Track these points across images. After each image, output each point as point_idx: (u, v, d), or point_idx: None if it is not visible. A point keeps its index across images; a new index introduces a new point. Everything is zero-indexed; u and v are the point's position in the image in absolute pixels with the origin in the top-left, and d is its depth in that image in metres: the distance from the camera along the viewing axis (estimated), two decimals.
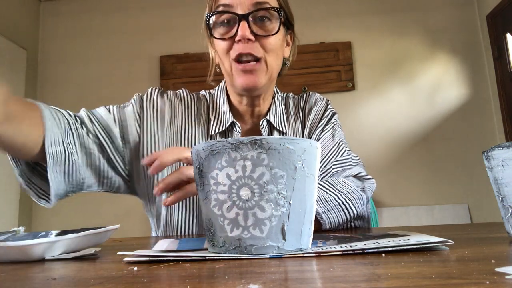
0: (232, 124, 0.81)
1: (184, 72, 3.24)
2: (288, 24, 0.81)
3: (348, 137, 0.94)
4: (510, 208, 0.45)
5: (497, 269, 0.28)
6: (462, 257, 0.34)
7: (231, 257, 0.38)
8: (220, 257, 0.38)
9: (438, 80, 3.14)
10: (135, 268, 0.35)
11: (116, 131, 0.76)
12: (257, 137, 0.39)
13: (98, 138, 0.73)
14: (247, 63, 0.73)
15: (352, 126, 3.07)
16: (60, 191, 0.67)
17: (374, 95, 3.17)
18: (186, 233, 0.78)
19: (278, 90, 0.89)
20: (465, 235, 0.53)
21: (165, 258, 0.38)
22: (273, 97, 0.86)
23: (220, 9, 0.74)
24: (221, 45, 0.75)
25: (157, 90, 0.84)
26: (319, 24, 3.21)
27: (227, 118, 0.81)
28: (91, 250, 0.47)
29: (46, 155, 0.61)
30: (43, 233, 0.54)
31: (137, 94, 0.83)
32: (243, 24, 0.71)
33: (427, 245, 0.39)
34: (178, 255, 0.39)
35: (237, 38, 0.72)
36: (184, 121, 0.82)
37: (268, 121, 0.83)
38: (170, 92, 0.86)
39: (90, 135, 0.72)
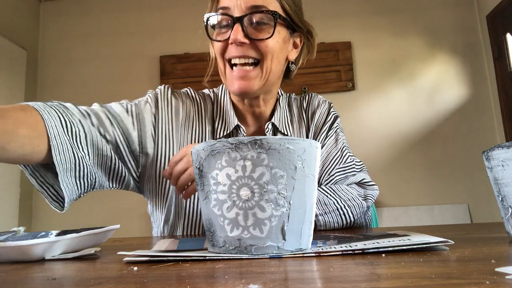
0: (237, 127, 0.81)
1: (184, 72, 3.24)
2: (294, 27, 0.79)
3: (348, 138, 0.94)
4: (510, 208, 0.45)
5: (497, 269, 0.28)
6: (462, 257, 0.34)
7: (231, 257, 0.38)
8: (220, 257, 0.38)
9: (438, 80, 3.14)
10: (135, 268, 0.35)
11: (134, 135, 0.75)
12: (257, 137, 0.39)
13: (116, 141, 0.72)
14: (242, 66, 0.74)
15: (352, 126, 3.07)
16: (73, 196, 0.66)
17: (374, 95, 3.17)
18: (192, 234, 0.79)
19: (282, 92, 0.89)
20: (465, 235, 0.53)
21: (165, 258, 0.38)
22: (278, 100, 0.86)
23: (220, 11, 0.74)
24: (216, 46, 0.76)
25: (169, 88, 0.83)
26: (319, 24, 3.19)
27: (232, 121, 0.81)
28: (91, 250, 0.47)
29: (56, 165, 0.60)
30: (43, 233, 0.54)
31: (150, 92, 0.82)
32: (237, 27, 0.71)
33: (427, 245, 0.39)
34: (178, 255, 0.39)
35: (230, 41, 0.72)
36: (195, 120, 0.82)
37: (273, 124, 0.84)
38: (180, 91, 0.85)
39: (107, 136, 0.71)
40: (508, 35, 2.84)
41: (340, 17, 3.26)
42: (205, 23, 0.76)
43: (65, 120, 0.63)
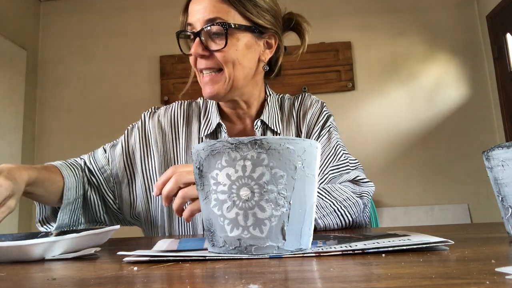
0: (219, 125, 0.84)
1: (184, 72, 3.24)
2: (260, 30, 0.79)
3: (348, 138, 0.94)
4: (510, 208, 0.45)
5: (497, 269, 0.28)
6: (462, 257, 0.34)
7: (231, 257, 0.38)
8: (220, 257, 0.38)
9: (438, 80, 3.14)
10: (135, 268, 0.35)
11: (108, 168, 0.86)
12: (257, 137, 0.39)
13: (95, 177, 0.84)
14: (208, 73, 0.79)
15: (352, 126, 3.07)
16: (62, 224, 0.79)
17: (374, 95, 3.17)
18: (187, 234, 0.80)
19: (271, 92, 0.91)
20: (465, 235, 0.53)
21: (165, 258, 0.38)
22: (266, 99, 0.89)
23: (188, 27, 0.79)
24: (190, 59, 0.81)
25: (149, 113, 0.90)
26: (319, 24, 3.20)
27: (214, 120, 0.85)
28: (91, 250, 0.47)
29: (63, 197, 0.77)
30: (43, 233, 0.54)
31: (129, 126, 0.90)
32: (197, 41, 0.77)
33: (427, 245, 0.39)
34: (178, 255, 0.39)
35: (193, 55, 0.78)
36: (173, 135, 0.87)
37: (262, 122, 0.85)
38: (161, 110, 0.91)
39: (91, 177, 0.84)
40: (508, 35, 2.85)
41: (340, 17, 3.26)
42: (177, 39, 0.82)
43: (73, 169, 0.81)
